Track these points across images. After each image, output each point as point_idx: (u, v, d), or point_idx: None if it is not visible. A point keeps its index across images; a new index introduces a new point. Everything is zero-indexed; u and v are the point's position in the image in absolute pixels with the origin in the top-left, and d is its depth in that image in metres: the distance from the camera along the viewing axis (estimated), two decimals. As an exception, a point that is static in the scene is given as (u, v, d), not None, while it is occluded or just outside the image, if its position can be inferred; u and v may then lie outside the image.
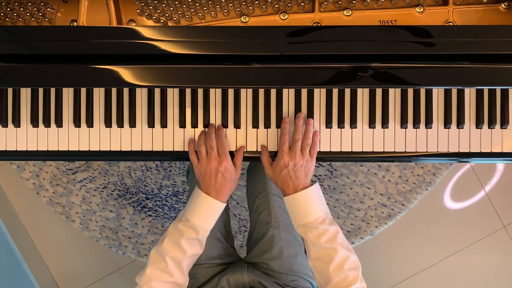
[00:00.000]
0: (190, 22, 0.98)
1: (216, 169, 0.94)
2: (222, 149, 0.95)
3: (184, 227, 0.93)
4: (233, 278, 1.05)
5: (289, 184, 0.93)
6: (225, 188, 0.95)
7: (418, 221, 1.81)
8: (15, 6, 0.95)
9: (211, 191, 0.94)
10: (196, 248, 0.93)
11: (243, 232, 1.79)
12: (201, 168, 0.95)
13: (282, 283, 1.07)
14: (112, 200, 1.77)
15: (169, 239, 0.92)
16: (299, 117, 0.97)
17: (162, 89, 1.00)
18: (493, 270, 1.83)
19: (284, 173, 0.93)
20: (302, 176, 0.93)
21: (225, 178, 0.94)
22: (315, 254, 0.90)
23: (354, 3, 0.96)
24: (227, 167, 0.94)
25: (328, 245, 0.89)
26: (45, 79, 0.88)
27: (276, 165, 0.95)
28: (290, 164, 0.92)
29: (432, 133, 1.00)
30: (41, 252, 1.82)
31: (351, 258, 0.89)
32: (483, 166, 1.81)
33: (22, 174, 1.76)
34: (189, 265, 0.94)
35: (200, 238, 0.94)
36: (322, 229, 0.90)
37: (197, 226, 0.93)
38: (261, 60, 0.88)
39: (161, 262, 0.90)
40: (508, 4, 0.96)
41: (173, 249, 0.91)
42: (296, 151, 0.93)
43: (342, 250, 0.89)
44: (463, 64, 0.87)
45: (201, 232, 0.93)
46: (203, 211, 0.94)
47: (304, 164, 0.93)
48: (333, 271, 0.87)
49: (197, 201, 0.95)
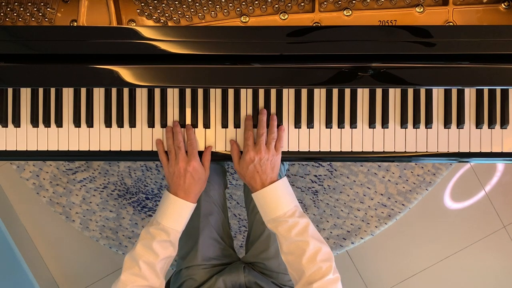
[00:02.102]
0: (190, 22, 0.98)
1: (184, 169, 0.94)
2: (191, 149, 0.96)
3: (155, 230, 0.93)
4: (229, 278, 1.05)
5: (256, 179, 0.93)
6: (194, 188, 0.95)
7: (418, 221, 1.81)
8: (15, 6, 0.95)
9: (180, 191, 0.95)
10: (169, 250, 0.93)
11: (243, 232, 1.79)
12: (170, 168, 0.96)
13: (279, 283, 1.07)
14: (112, 200, 1.76)
15: (141, 244, 0.92)
16: (262, 113, 0.98)
17: (162, 89, 1.00)
18: (493, 270, 1.83)
19: (251, 168, 0.93)
20: (268, 170, 0.93)
21: (194, 178, 0.95)
22: (287, 248, 0.90)
23: (354, 3, 0.96)
24: (195, 167, 0.94)
25: (299, 238, 0.89)
26: (45, 79, 0.88)
27: (242, 161, 0.95)
28: (256, 159, 0.93)
29: (432, 133, 1.00)
30: (41, 252, 1.82)
31: (323, 249, 0.89)
32: (483, 166, 1.81)
33: (22, 174, 1.76)
34: (163, 267, 0.93)
35: (172, 239, 0.94)
36: (292, 222, 0.90)
37: (167, 228, 0.93)
38: (261, 60, 0.88)
39: (135, 267, 0.90)
40: (508, 4, 0.96)
41: (145, 253, 0.91)
42: (261, 145, 0.93)
43: (314, 242, 0.88)
44: (463, 64, 0.87)
45: (172, 234, 0.94)
46: (173, 213, 0.94)
47: (270, 158, 0.94)
48: (305, 264, 0.86)
49: (166, 204, 0.95)
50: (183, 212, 0.95)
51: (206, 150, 0.99)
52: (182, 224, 0.96)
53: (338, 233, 1.77)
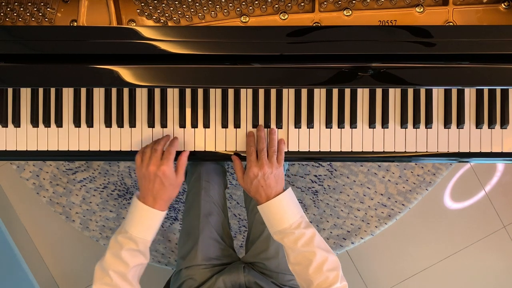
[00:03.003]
0: (190, 22, 0.98)
1: (154, 173, 0.90)
2: (167, 154, 0.92)
3: (123, 239, 0.89)
4: (229, 278, 1.06)
5: (261, 193, 0.93)
6: (163, 194, 0.91)
7: (418, 221, 1.81)
8: (15, 6, 0.95)
9: (148, 197, 0.91)
10: (139, 258, 0.90)
11: (243, 232, 1.79)
12: (141, 170, 0.92)
13: (279, 282, 1.07)
14: (112, 200, 1.76)
15: (110, 252, 0.89)
16: (260, 129, 0.98)
17: (162, 89, 1.00)
18: (493, 270, 1.83)
19: (255, 183, 0.93)
20: (273, 183, 0.93)
21: (163, 184, 0.90)
22: (294, 259, 0.91)
23: (354, 3, 0.96)
24: (165, 172, 0.90)
25: (306, 248, 0.89)
26: (45, 79, 0.88)
27: (246, 176, 0.94)
28: (259, 174, 0.92)
29: (432, 133, 1.00)
30: (41, 252, 1.82)
31: (330, 258, 0.89)
32: (483, 166, 1.81)
33: (22, 174, 1.76)
34: (136, 275, 0.90)
35: (141, 249, 0.90)
36: (298, 233, 0.90)
37: (135, 238, 0.89)
38: (261, 60, 0.88)
39: (106, 277, 0.87)
40: (508, 4, 0.96)
41: (115, 262, 0.88)
42: (264, 160, 0.93)
43: (320, 252, 0.89)
44: (463, 64, 0.87)
45: (141, 243, 0.90)
46: (141, 222, 0.90)
47: (274, 172, 0.93)
48: (312, 274, 0.87)
49: (134, 211, 0.91)
50: (151, 221, 0.91)
51: (182, 154, 0.95)
52: (151, 234, 0.92)
53: (338, 233, 1.77)
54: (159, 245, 1.78)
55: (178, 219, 1.78)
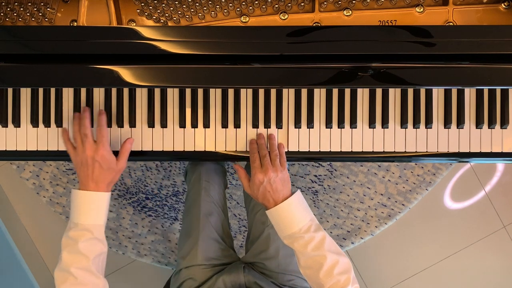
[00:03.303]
0: (190, 22, 0.98)
1: (92, 158, 0.88)
2: (100, 137, 0.90)
3: (75, 233, 0.86)
4: (229, 278, 1.05)
5: (268, 198, 0.93)
6: (104, 177, 0.89)
7: (418, 221, 1.81)
8: (15, 6, 0.95)
9: (90, 182, 0.89)
10: (97, 246, 0.87)
11: (243, 232, 1.79)
12: (77, 157, 0.90)
13: (279, 282, 1.07)
14: (112, 200, 1.76)
15: (66, 252, 0.85)
16: (260, 137, 0.99)
17: (162, 89, 1.00)
18: (493, 270, 1.83)
19: (262, 189, 0.93)
20: (279, 187, 0.93)
21: (102, 167, 0.89)
22: (304, 263, 0.90)
23: (354, 3, 0.96)
24: (103, 155, 0.89)
25: (316, 252, 0.89)
26: (45, 79, 0.88)
27: (252, 184, 0.95)
28: (265, 180, 0.92)
29: (432, 133, 1.00)
30: (41, 252, 1.82)
31: (341, 261, 0.88)
32: (483, 166, 1.81)
33: (22, 174, 1.76)
34: (99, 266, 0.88)
35: (97, 236, 0.87)
36: (308, 237, 0.90)
37: (88, 226, 0.87)
38: (261, 60, 0.88)
39: (69, 277, 0.82)
40: (508, 4, 0.96)
41: (74, 258, 0.84)
42: (267, 165, 0.93)
43: (331, 255, 0.88)
44: (463, 64, 0.87)
45: (95, 230, 0.87)
46: (88, 208, 0.88)
47: (279, 175, 0.93)
48: (323, 278, 0.87)
49: (77, 202, 0.89)
50: (98, 203, 0.89)
51: (126, 141, 0.95)
52: (102, 217, 0.89)
53: (338, 233, 1.77)
54: (159, 245, 1.78)
55: (178, 219, 1.78)
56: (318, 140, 1.01)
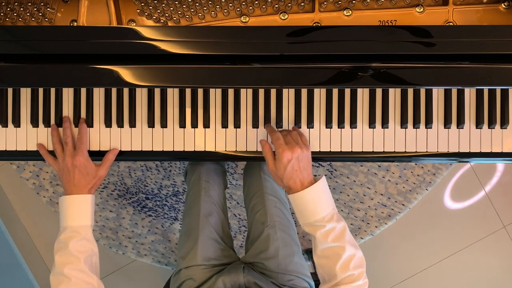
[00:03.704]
0: (190, 22, 0.98)
1: (72, 164, 0.93)
2: (79, 144, 0.95)
3: (64, 236, 0.90)
4: (228, 279, 1.05)
5: (295, 179, 0.90)
6: (85, 182, 0.93)
7: (418, 221, 1.81)
8: (15, 6, 0.95)
9: (72, 187, 0.93)
10: (87, 246, 0.90)
11: (243, 232, 1.79)
12: (59, 166, 0.94)
13: (279, 283, 1.06)
14: (112, 200, 1.76)
15: (58, 255, 0.89)
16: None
17: (162, 89, 1.00)
18: (493, 270, 1.83)
19: (289, 168, 0.89)
20: (306, 165, 0.91)
21: (82, 173, 0.93)
22: (321, 252, 0.89)
23: (354, 3, 0.96)
24: (81, 162, 0.93)
25: (336, 243, 0.87)
26: (45, 79, 0.88)
27: (279, 163, 0.90)
28: (293, 157, 0.89)
29: (432, 133, 1.00)
30: (41, 252, 1.82)
31: (357, 255, 0.87)
32: (483, 166, 1.81)
33: (22, 174, 1.76)
34: (92, 266, 0.91)
35: (85, 236, 0.91)
36: (330, 226, 0.88)
37: (75, 227, 0.90)
38: (261, 60, 0.88)
39: (63, 279, 0.85)
40: (508, 4, 0.96)
41: (66, 260, 0.87)
42: (293, 143, 0.91)
43: (349, 248, 0.87)
44: (463, 64, 0.87)
45: (83, 231, 0.91)
46: (73, 211, 0.92)
47: (305, 153, 0.91)
48: (339, 270, 0.86)
49: (63, 207, 0.93)
50: (82, 205, 0.92)
51: (110, 151, 0.98)
52: (88, 218, 0.93)
53: (338, 233, 1.77)
54: (159, 245, 1.78)
55: (178, 219, 1.78)
56: (318, 140, 1.01)
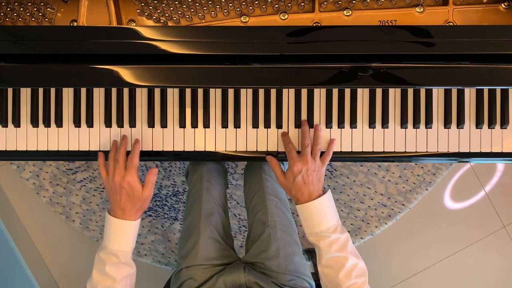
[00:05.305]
0: (190, 22, 0.98)
1: (119, 185, 0.91)
2: (129, 163, 0.92)
3: (104, 255, 0.91)
4: (229, 278, 1.05)
5: (303, 191, 0.93)
6: (130, 206, 0.92)
7: (418, 221, 1.81)
8: (15, 6, 0.95)
9: (117, 209, 0.92)
10: (124, 270, 0.92)
11: (243, 232, 1.79)
12: (108, 182, 0.93)
13: (280, 282, 1.07)
14: (112, 200, 1.76)
15: (96, 270, 0.92)
16: (304, 124, 0.98)
17: (162, 89, 1.00)
18: (493, 270, 1.83)
19: (298, 179, 0.92)
20: (315, 181, 0.93)
21: (129, 195, 0.91)
22: (325, 262, 0.91)
23: (354, 3, 0.96)
24: (130, 183, 0.91)
25: (339, 253, 0.90)
26: (45, 79, 0.88)
27: (289, 173, 0.94)
28: (303, 170, 0.92)
29: (432, 133, 1.00)
30: (41, 252, 1.82)
31: (359, 265, 0.91)
32: (483, 166, 1.81)
33: (22, 174, 1.76)
34: (127, 285, 0.93)
35: (123, 261, 0.92)
36: (334, 237, 0.91)
37: (115, 251, 0.91)
38: (261, 60, 0.88)
39: None
40: (508, 4, 0.96)
41: (102, 279, 0.90)
42: (307, 156, 0.93)
43: (352, 258, 0.90)
44: (463, 64, 0.87)
45: (122, 256, 0.91)
46: (115, 235, 0.92)
47: (317, 169, 0.93)
48: (342, 279, 0.88)
49: (108, 226, 0.93)
50: (126, 232, 0.92)
51: (149, 172, 0.94)
52: (129, 244, 0.93)
53: (338, 233, 1.77)
54: (159, 245, 1.78)
55: (178, 219, 1.78)
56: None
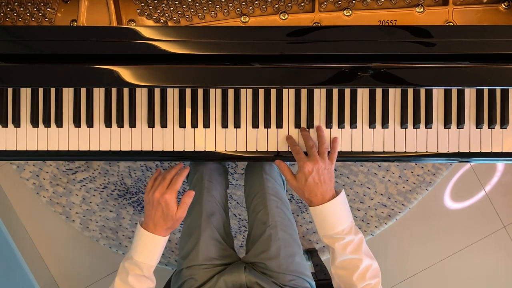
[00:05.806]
0: (190, 22, 0.98)
1: (157, 201, 0.93)
2: (173, 183, 0.94)
3: (129, 265, 0.93)
4: (230, 278, 1.05)
5: (316, 192, 0.92)
6: (162, 223, 0.94)
7: (418, 221, 1.81)
8: (15, 6, 0.95)
9: (150, 223, 0.94)
10: (145, 283, 0.93)
11: (243, 232, 1.79)
12: (148, 195, 0.95)
13: (280, 283, 1.07)
14: (112, 200, 1.76)
15: (118, 278, 0.93)
16: (303, 129, 0.99)
17: (162, 89, 1.00)
18: (493, 270, 1.83)
19: (310, 180, 0.92)
20: (327, 180, 0.92)
21: (163, 212, 0.93)
22: (340, 263, 0.92)
23: (354, 3, 0.96)
24: (167, 201, 0.93)
25: (354, 255, 0.91)
26: (45, 79, 0.88)
27: (300, 175, 0.93)
28: (314, 169, 0.91)
29: (432, 133, 1.00)
30: (41, 252, 1.82)
31: (373, 265, 0.91)
32: (483, 166, 1.81)
33: (22, 174, 1.76)
34: None
35: (146, 274, 0.94)
36: (349, 239, 0.91)
37: (140, 263, 0.93)
38: (261, 60, 0.88)
39: None
40: (508, 4, 0.96)
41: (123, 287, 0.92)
42: (315, 156, 0.93)
43: (366, 259, 0.91)
44: (463, 64, 0.87)
45: (145, 269, 0.93)
46: (143, 247, 0.94)
47: (327, 167, 0.93)
48: (356, 280, 0.89)
49: (137, 237, 0.95)
50: (153, 247, 0.94)
51: (186, 194, 0.96)
52: (155, 259, 0.95)
53: (338, 233, 1.77)
54: (159, 245, 1.78)
55: (178, 219, 1.78)
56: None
